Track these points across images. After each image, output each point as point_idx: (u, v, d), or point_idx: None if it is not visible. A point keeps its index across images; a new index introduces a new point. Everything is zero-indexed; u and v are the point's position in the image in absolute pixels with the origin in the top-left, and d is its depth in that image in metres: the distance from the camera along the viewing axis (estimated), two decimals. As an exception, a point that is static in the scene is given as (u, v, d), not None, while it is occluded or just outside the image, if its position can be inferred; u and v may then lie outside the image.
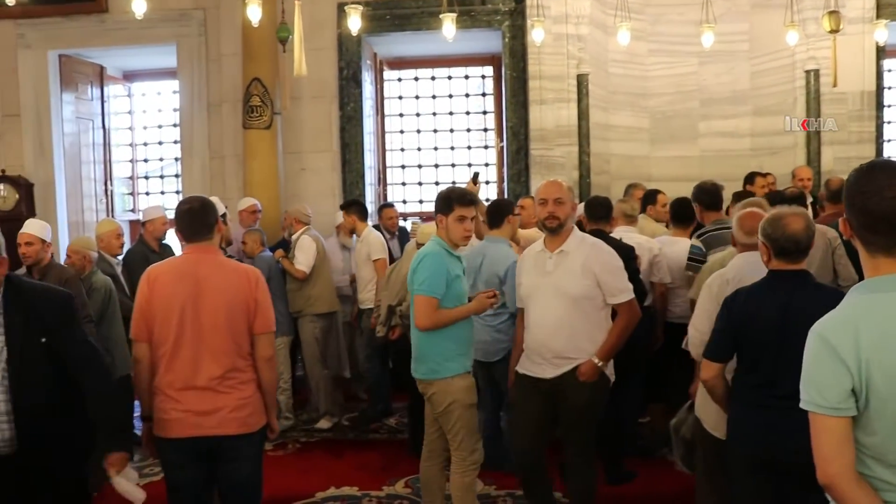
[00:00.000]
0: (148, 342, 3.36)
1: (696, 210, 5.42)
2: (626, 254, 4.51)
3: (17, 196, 8.43)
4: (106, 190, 9.26)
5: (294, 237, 6.56)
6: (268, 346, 3.46)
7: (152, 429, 3.37)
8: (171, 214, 6.65)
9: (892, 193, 1.69)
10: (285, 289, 6.39)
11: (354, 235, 6.88)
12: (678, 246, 5.37)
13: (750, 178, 6.99)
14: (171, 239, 6.51)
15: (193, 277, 3.34)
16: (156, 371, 3.36)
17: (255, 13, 5.65)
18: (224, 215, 4.09)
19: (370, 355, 6.58)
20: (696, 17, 7.49)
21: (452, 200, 3.87)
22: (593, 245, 3.89)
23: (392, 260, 6.70)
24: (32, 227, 5.12)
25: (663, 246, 5.41)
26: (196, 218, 3.43)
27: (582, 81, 7.82)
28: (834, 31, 6.63)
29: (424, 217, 7.04)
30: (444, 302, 3.83)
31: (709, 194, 5.38)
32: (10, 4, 5.37)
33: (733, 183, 7.00)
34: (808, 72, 7.78)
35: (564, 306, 3.74)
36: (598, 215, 5.06)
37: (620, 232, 5.29)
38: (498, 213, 5.10)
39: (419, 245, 6.13)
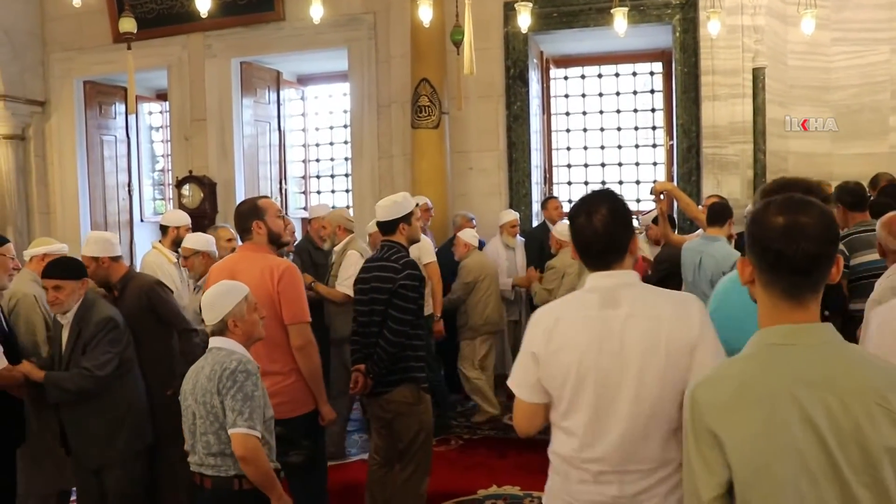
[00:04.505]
0: None
1: (837, 212, 5.05)
2: None
3: (201, 195, 8.99)
4: (281, 189, 9.70)
5: (337, 248, 6.02)
6: (296, 336, 3.73)
7: None
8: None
9: None
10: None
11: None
12: None
13: None
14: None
15: (230, 273, 3.63)
16: None
17: (426, 14, 5.71)
18: (411, 214, 4.09)
19: (429, 363, 6.30)
20: (888, 1, 6.95)
21: None
22: None
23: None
24: (86, 247, 4.31)
25: None
26: (238, 220, 3.86)
27: (758, 75, 7.42)
28: None
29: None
30: None
31: (852, 194, 5.08)
32: (203, 17, 5.68)
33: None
34: None
35: None
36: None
37: None
38: (722, 214, 5.20)
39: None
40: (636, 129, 8.88)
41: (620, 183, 8.85)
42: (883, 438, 1.45)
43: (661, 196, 5.80)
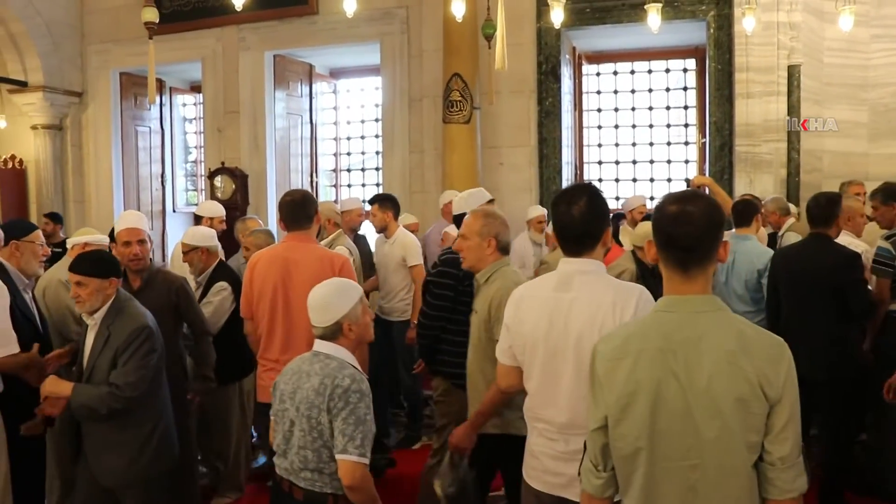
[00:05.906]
0: (252, 319, 3.90)
1: (888, 211, 5.05)
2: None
3: (233, 186, 9.08)
4: (311, 182, 9.75)
5: (324, 243, 5.50)
6: None
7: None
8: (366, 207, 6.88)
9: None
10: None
11: (381, 235, 6.15)
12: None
13: None
14: (366, 229, 6.70)
15: (284, 262, 3.72)
16: (259, 344, 3.90)
17: (459, 8, 5.71)
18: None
19: (410, 373, 5.79)
20: (932, -3, 6.82)
21: None
22: None
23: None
24: (130, 220, 4.07)
25: None
26: (296, 209, 3.84)
27: (793, 73, 7.32)
28: None
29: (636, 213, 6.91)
30: None
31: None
32: (238, 9, 5.71)
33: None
34: None
35: None
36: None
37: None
38: (747, 213, 5.22)
39: (634, 248, 6.00)
40: (668, 126, 8.81)
41: (652, 181, 8.80)
42: (733, 391, 1.76)
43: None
